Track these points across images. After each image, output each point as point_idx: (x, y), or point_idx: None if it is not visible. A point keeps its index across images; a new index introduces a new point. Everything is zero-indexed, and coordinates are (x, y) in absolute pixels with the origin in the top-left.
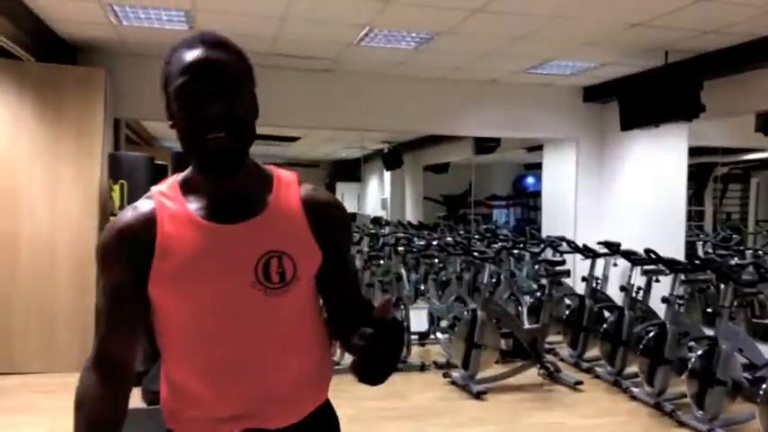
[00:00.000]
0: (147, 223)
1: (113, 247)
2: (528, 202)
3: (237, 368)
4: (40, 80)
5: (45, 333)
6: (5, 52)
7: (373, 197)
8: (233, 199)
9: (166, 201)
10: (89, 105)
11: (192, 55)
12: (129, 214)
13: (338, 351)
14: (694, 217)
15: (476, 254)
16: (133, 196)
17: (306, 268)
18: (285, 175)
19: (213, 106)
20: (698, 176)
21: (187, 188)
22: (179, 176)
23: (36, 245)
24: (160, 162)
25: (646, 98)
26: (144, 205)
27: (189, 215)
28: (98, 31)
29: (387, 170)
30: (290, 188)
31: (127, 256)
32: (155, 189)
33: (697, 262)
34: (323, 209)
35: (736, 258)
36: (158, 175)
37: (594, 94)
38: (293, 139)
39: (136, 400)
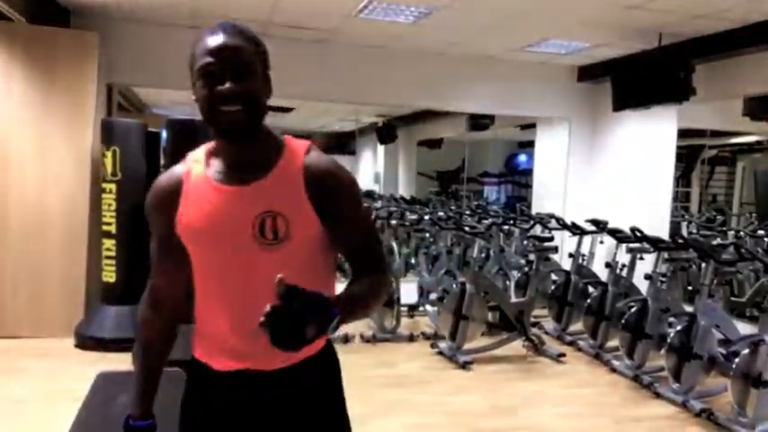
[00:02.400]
0: (177, 183)
1: (152, 202)
2: (519, 179)
3: (242, 309)
4: (31, 42)
5: (35, 297)
6: None
7: (366, 171)
8: (243, 165)
9: (195, 165)
10: (82, 70)
11: (214, 40)
12: (165, 176)
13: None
14: (681, 198)
15: (466, 229)
16: (125, 163)
17: (299, 229)
18: (296, 145)
19: (231, 84)
20: (686, 158)
21: (212, 154)
22: (209, 144)
23: (26, 210)
24: (152, 129)
25: (638, 79)
26: (177, 168)
27: (207, 177)
28: None
29: (381, 144)
30: (295, 156)
31: (162, 209)
32: (191, 154)
33: (680, 241)
34: (320, 176)
35: (718, 239)
36: (151, 142)
37: (588, 74)
38: (287, 110)
39: (126, 364)
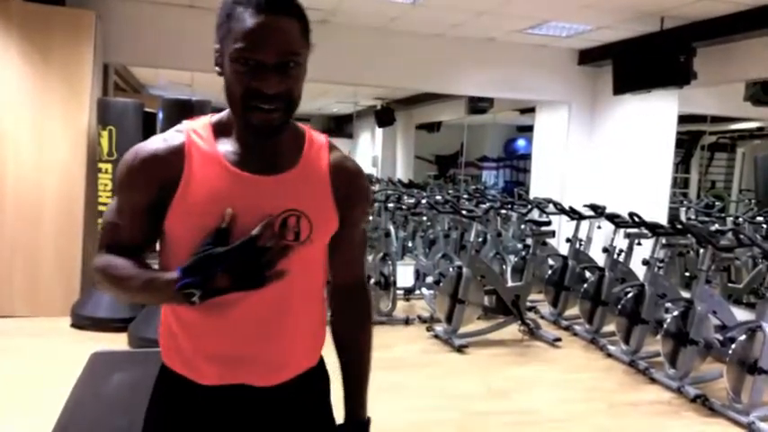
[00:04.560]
0: (175, 156)
1: (136, 171)
2: (518, 164)
3: (244, 309)
4: (26, 21)
5: (31, 277)
6: None
7: (364, 154)
8: (265, 151)
9: (197, 139)
10: (78, 49)
11: (255, 20)
12: (157, 143)
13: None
14: (680, 183)
15: (464, 213)
16: (122, 143)
17: (321, 233)
18: (317, 138)
19: (270, 82)
20: (686, 144)
21: (220, 131)
22: (213, 117)
23: (22, 190)
24: (149, 110)
25: (639, 63)
26: (174, 138)
27: (219, 158)
28: None
29: (379, 127)
30: (321, 151)
31: (149, 182)
32: (186, 124)
33: (678, 226)
34: (349, 177)
35: (716, 225)
36: (148, 122)
37: (589, 57)
38: None
39: (122, 344)
